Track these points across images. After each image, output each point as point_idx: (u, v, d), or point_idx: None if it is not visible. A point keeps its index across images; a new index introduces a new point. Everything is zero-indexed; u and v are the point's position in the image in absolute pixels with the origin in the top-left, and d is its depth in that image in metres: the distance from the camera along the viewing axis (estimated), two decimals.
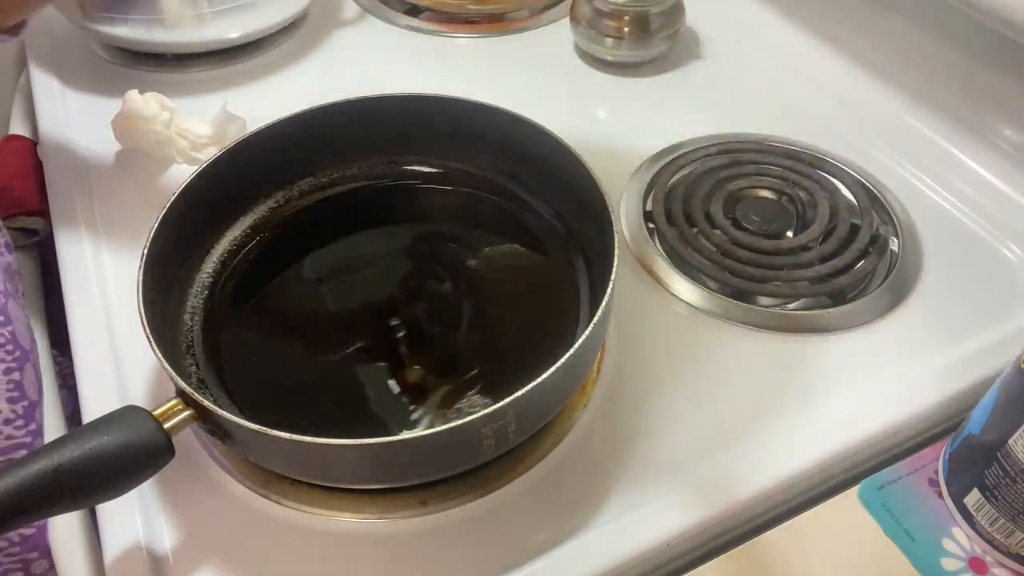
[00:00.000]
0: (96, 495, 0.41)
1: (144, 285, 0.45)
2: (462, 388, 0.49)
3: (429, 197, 0.60)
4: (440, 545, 0.45)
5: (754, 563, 0.44)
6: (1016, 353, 0.41)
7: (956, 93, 0.67)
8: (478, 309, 0.54)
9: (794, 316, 0.56)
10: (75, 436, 0.39)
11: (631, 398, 0.51)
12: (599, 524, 0.45)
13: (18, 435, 0.52)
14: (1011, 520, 0.42)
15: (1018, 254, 0.60)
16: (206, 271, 0.55)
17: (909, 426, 0.50)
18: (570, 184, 0.53)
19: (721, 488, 0.46)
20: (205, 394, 0.46)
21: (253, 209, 0.58)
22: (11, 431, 0.52)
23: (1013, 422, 0.40)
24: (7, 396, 0.52)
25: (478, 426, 0.40)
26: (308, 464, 0.43)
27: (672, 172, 0.66)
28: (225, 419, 0.40)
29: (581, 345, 0.42)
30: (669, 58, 0.79)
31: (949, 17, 0.64)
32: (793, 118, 0.72)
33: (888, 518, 0.45)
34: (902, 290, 0.57)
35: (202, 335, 0.52)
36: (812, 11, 0.79)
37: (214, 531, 0.46)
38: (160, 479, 0.45)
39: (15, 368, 0.53)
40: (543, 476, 0.47)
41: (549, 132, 0.53)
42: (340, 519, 0.46)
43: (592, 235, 0.54)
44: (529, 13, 0.86)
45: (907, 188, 0.65)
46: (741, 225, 0.62)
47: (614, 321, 0.55)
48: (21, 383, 0.53)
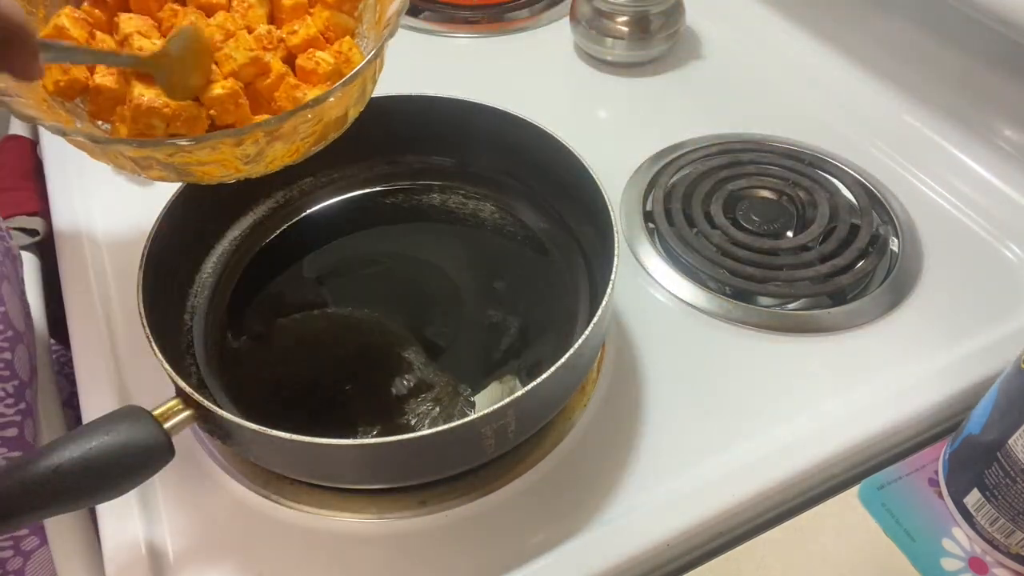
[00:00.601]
0: (96, 495, 0.41)
1: (144, 285, 0.45)
2: (462, 388, 0.49)
3: (429, 197, 0.60)
4: (440, 545, 0.45)
5: (754, 563, 0.44)
6: (1016, 353, 0.41)
7: (956, 93, 0.67)
8: (478, 309, 0.54)
9: (794, 316, 0.56)
10: (75, 436, 0.39)
11: (631, 398, 0.51)
12: (599, 524, 0.45)
13: (8, 413, 0.52)
14: (1011, 520, 0.42)
15: (1018, 254, 0.60)
16: (206, 271, 0.55)
17: (909, 426, 0.50)
18: (570, 184, 0.53)
19: (721, 488, 0.46)
20: (205, 394, 0.46)
21: (253, 209, 0.58)
22: (2, 409, 0.52)
23: (1013, 422, 0.40)
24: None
25: (478, 426, 0.40)
26: (308, 464, 0.43)
27: (672, 172, 0.66)
28: (225, 419, 0.40)
29: (581, 345, 0.42)
30: (669, 58, 0.79)
31: (949, 17, 0.64)
32: (793, 118, 0.72)
33: (888, 518, 0.45)
34: (902, 290, 0.57)
35: (202, 335, 0.52)
36: (812, 11, 0.79)
37: (214, 531, 0.46)
38: (160, 479, 0.45)
39: (6, 348, 0.53)
40: (543, 476, 0.47)
41: (549, 132, 0.53)
42: (340, 519, 0.46)
43: (592, 235, 0.54)
44: (529, 13, 0.86)
45: (907, 188, 0.65)
46: (741, 225, 0.62)
47: (614, 321, 0.55)
48: (12, 363, 0.53)
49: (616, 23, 0.76)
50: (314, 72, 0.45)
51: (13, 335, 0.54)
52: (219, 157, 0.40)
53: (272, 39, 0.45)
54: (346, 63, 0.46)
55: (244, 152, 0.40)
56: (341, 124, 0.45)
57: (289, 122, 0.40)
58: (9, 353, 0.53)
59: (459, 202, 0.60)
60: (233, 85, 0.43)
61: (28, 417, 0.54)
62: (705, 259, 0.58)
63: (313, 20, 0.47)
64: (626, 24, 0.76)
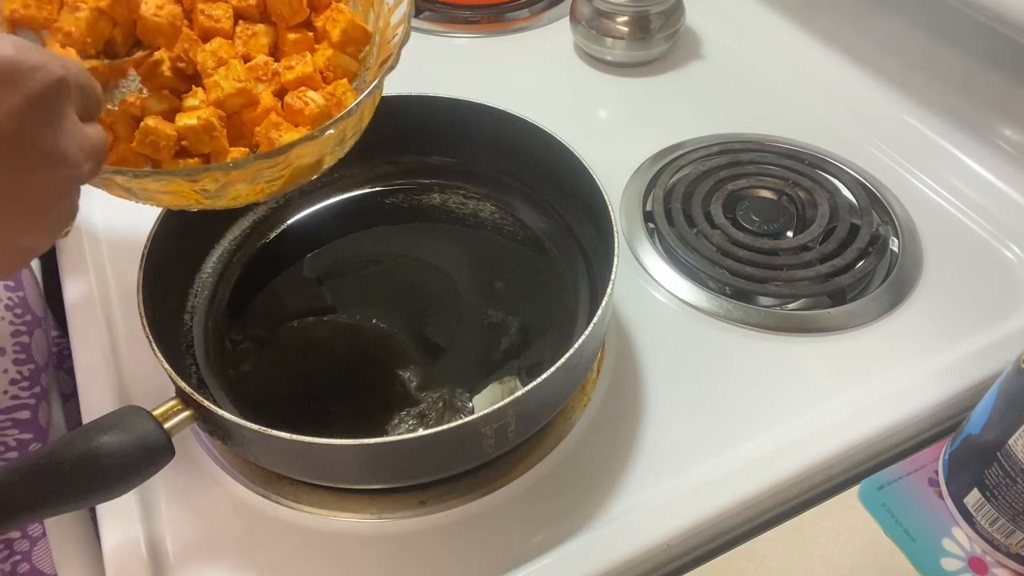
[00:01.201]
0: (96, 495, 0.41)
1: (144, 285, 0.45)
2: (462, 388, 0.49)
3: (429, 197, 0.60)
4: (440, 545, 0.45)
5: (754, 563, 0.44)
6: (1016, 353, 0.41)
7: (956, 93, 0.67)
8: (478, 309, 0.54)
9: (794, 316, 0.56)
10: (75, 436, 0.39)
11: (631, 398, 0.51)
12: (599, 524, 0.45)
13: (23, 396, 0.53)
14: (1011, 520, 0.42)
15: (1018, 254, 0.60)
16: (206, 271, 0.55)
17: (909, 426, 0.50)
18: (570, 184, 0.53)
19: (721, 488, 0.46)
20: (205, 394, 0.46)
21: (253, 209, 0.58)
22: (16, 391, 0.53)
23: (1013, 422, 0.40)
24: (14, 358, 0.53)
25: (478, 426, 0.40)
26: (308, 464, 0.43)
27: (672, 172, 0.66)
28: (225, 419, 0.40)
29: (581, 345, 0.42)
30: (669, 58, 0.79)
31: (949, 17, 0.64)
32: (793, 118, 0.72)
33: (888, 518, 0.45)
34: (902, 290, 0.57)
35: (202, 335, 0.52)
36: (812, 11, 0.79)
37: (214, 531, 0.46)
38: (160, 479, 0.45)
39: (24, 332, 0.54)
40: (543, 476, 0.47)
41: (549, 132, 0.53)
42: (340, 519, 0.46)
43: (592, 235, 0.54)
44: (529, 13, 0.86)
45: (907, 188, 0.65)
46: (741, 225, 0.62)
47: (614, 321, 0.55)
48: (29, 347, 0.54)
49: (616, 23, 0.76)
50: (300, 112, 0.43)
51: (31, 319, 0.55)
52: (175, 189, 0.39)
53: (268, 70, 0.44)
54: (337, 106, 0.43)
55: (203, 188, 0.39)
56: (314, 170, 0.44)
57: (252, 166, 0.38)
58: (27, 337, 0.54)
59: (459, 202, 0.60)
60: (209, 115, 0.41)
61: (42, 400, 0.55)
62: (705, 259, 0.58)
63: (314, 58, 0.45)
64: (626, 24, 0.76)
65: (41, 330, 0.56)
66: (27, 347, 0.54)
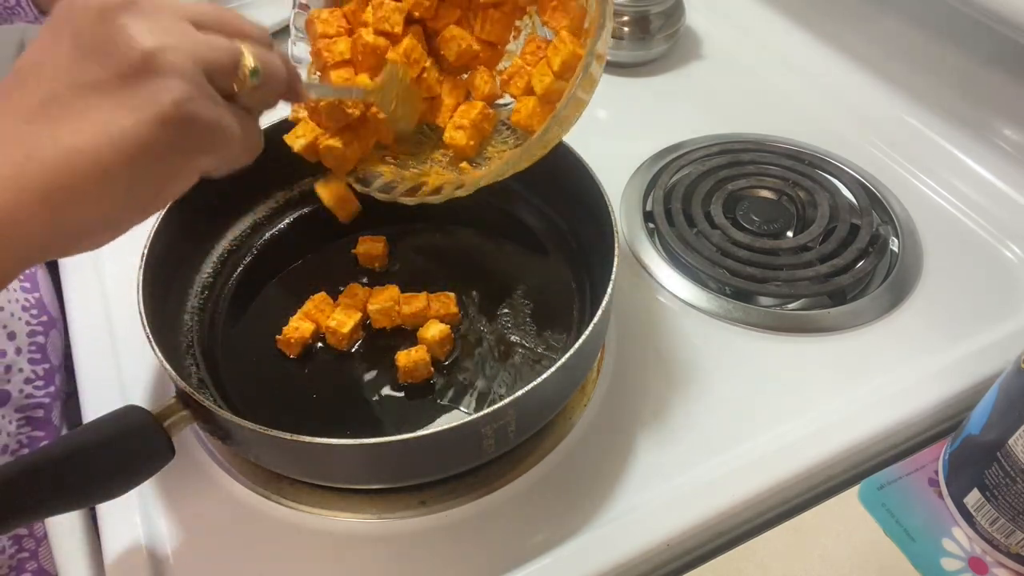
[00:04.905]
0: (96, 495, 0.41)
1: (144, 285, 0.45)
2: (462, 388, 0.49)
3: None
4: (440, 545, 0.45)
5: (754, 563, 0.44)
6: (1016, 353, 0.41)
7: (956, 93, 0.67)
8: (478, 309, 0.54)
9: (794, 316, 0.56)
10: (76, 436, 0.39)
11: (631, 398, 0.51)
12: (599, 524, 0.45)
13: (38, 395, 0.54)
14: (1011, 520, 0.42)
15: (1018, 254, 0.60)
16: (206, 271, 0.55)
17: (909, 426, 0.50)
18: (570, 184, 0.53)
19: (720, 488, 0.46)
20: (205, 394, 0.46)
21: (253, 209, 0.58)
22: (31, 390, 0.54)
23: (1013, 422, 0.40)
24: (29, 357, 0.54)
25: (478, 426, 0.40)
26: (308, 464, 0.43)
27: (672, 172, 0.66)
28: (225, 419, 0.40)
29: (581, 345, 0.42)
30: (669, 58, 0.79)
31: (949, 17, 0.64)
32: (793, 118, 0.72)
33: (888, 518, 0.45)
34: (902, 290, 0.57)
35: (202, 335, 0.52)
36: (812, 11, 0.79)
37: (214, 531, 0.46)
38: (160, 479, 0.45)
39: (40, 332, 0.55)
40: (543, 476, 0.47)
41: None
42: (340, 519, 0.46)
43: (592, 235, 0.53)
44: None
45: (907, 188, 0.65)
46: (741, 225, 0.62)
47: (614, 321, 0.55)
48: (44, 347, 0.55)
49: (616, 23, 0.76)
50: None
51: (47, 320, 0.56)
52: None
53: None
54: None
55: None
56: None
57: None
58: (43, 337, 0.55)
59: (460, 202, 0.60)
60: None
61: (56, 400, 0.56)
62: (705, 259, 0.58)
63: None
64: (626, 24, 0.76)
65: (56, 331, 0.57)
66: (43, 347, 0.55)
